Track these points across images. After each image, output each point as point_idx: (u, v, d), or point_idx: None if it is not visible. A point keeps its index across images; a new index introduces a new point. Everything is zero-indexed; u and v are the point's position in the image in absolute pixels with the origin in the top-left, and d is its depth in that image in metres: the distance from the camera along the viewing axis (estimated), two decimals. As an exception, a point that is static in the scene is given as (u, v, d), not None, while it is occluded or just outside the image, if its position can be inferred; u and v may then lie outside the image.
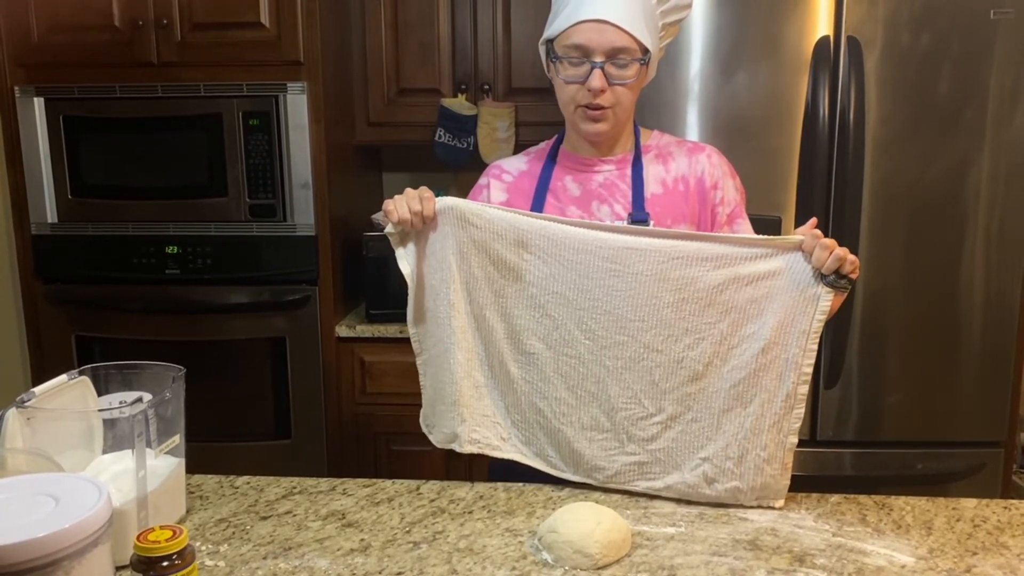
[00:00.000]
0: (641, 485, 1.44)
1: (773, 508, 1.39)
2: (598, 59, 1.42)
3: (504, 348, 1.47)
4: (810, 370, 1.36)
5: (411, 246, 1.47)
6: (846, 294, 1.34)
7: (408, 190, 1.43)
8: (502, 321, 1.47)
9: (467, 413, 1.50)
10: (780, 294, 1.35)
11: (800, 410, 1.38)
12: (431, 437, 1.56)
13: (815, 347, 1.35)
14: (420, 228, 1.44)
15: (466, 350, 1.49)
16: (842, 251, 1.29)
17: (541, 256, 1.42)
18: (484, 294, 1.46)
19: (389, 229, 1.45)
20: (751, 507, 1.40)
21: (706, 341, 1.38)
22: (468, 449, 1.51)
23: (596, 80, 1.42)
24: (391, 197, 1.43)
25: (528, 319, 1.45)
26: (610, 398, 1.43)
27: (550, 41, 1.48)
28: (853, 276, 1.31)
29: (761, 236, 1.37)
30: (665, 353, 1.39)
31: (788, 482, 1.40)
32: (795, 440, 1.39)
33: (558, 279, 1.41)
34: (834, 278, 1.30)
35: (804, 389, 1.37)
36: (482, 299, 1.46)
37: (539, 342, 1.45)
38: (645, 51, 1.44)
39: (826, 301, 1.33)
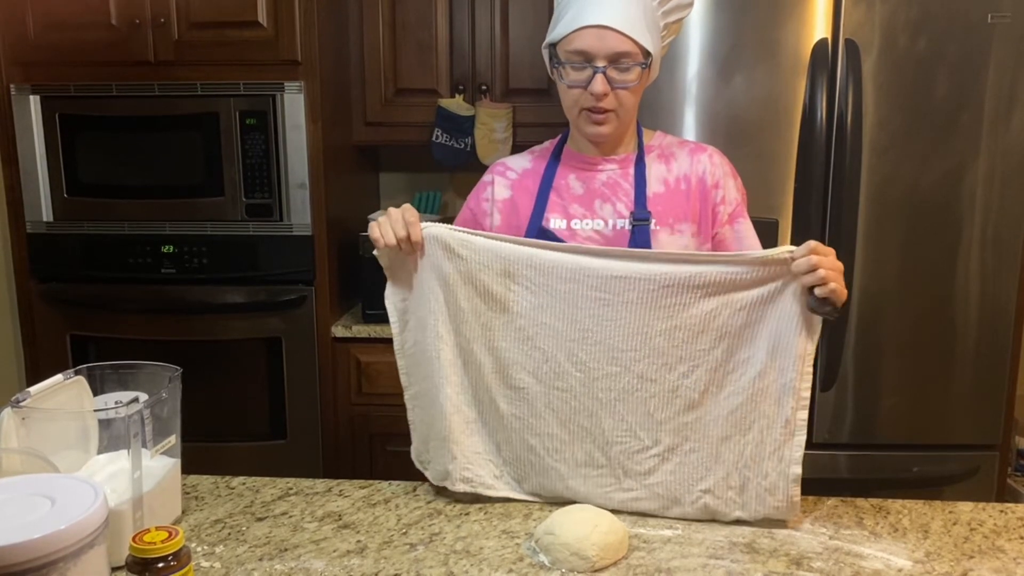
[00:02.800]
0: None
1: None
2: (600, 64, 1.42)
3: (492, 383, 1.43)
4: (808, 395, 1.33)
5: (398, 274, 1.45)
6: (831, 319, 1.29)
7: (391, 211, 1.40)
8: (490, 355, 1.42)
9: (457, 450, 1.44)
10: (774, 318, 1.32)
11: (802, 438, 1.34)
12: (427, 474, 1.51)
13: (811, 370, 1.33)
14: (409, 254, 1.41)
15: (455, 384, 1.44)
16: (825, 272, 1.24)
17: (528, 287, 1.38)
18: (471, 327, 1.42)
19: (377, 252, 1.43)
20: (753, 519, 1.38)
21: (701, 368, 1.35)
22: (460, 488, 1.44)
23: (598, 85, 1.42)
24: (383, 218, 1.40)
25: (517, 352, 1.41)
26: (604, 432, 1.39)
27: (552, 45, 1.49)
28: (837, 300, 1.27)
29: (753, 253, 1.33)
30: (659, 383, 1.36)
31: (798, 511, 1.36)
32: (799, 471, 1.34)
33: (546, 310, 1.38)
34: (815, 302, 1.26)
35: (803, 415, 1.34)
36: (469, 332, 1.42)
37: (528, 376, 1.41)
38: (647, 54, 1.44)
39: (818, 323, 1.30)
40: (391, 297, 1.47)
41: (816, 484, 1.39)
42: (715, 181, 1.54)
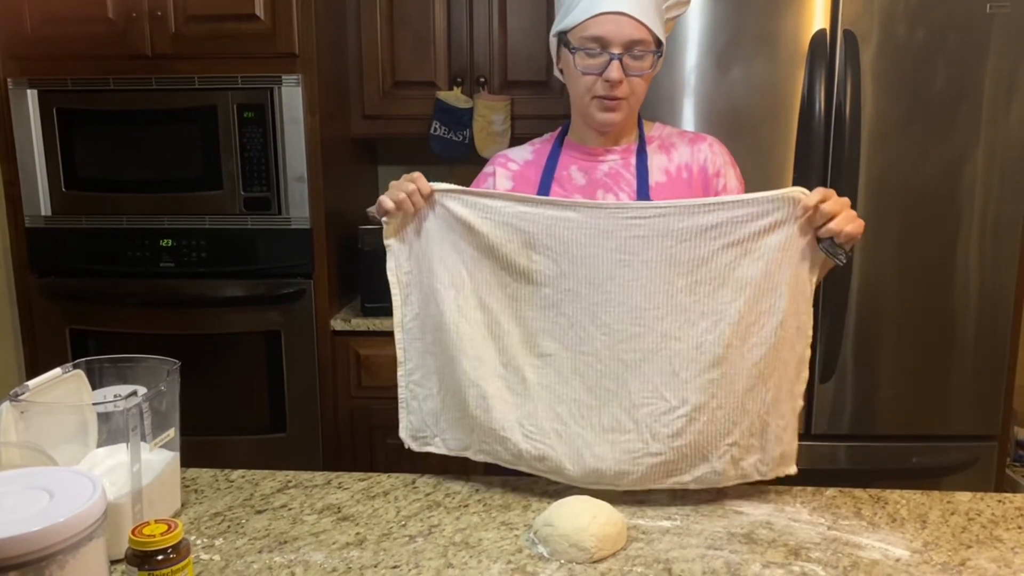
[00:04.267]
0: (668, 482, 1.40)
1: (788, 474, 1.41)
2: (616, 51, 1.43)
3: (519, 353, 1.44)
4: (811, 332, 1.39)
5: (404, 244, 1.46)
6: (842, 263, 1.34)
7: (393, 182, 1.44)
8: (517, 326, 1.44)
9: (474, 424, 1.45)
10: (791, 264, 1.34)
11: (806, 373, 1.40)
12: (433, 448, 1.51)
13: (811, 308, 1.38)
14: (420, 206, 1.42)
15: (473, 358, 1.43)
16: (836, 224, 1.29)
17: (550, 255, 1.40)
18: (499, 299, 1.44)
19: (385, 221, 1.44)
20: (765, 480, 1.41)
21: (724, 322, 1.36)
22: (480, 458, 1.48)
23: (614, 71, 1.43)
24: (386, 191, 1.43)
25: (542, 320, 1.43)
26: (630, 394, 1.39)
27: (564, 32, 1.49)
28: (848, 242, 1.31)
29: (764, 193, 1.34)
30: (683, 340, 1.37)
31: (796, 444, 1.42)
32: (802, 403, 1.41)
33: (569, 276, 1.40)
34: (830, 244, 1.30)
35: (808, 352, 1.39)
36: (496, 304, 1.44)
37: (555, 343, 1.42)
38: (659, 43, 1.46)
39: (819, 263, 1.35)
40: (394, 270, 1.48)
41: (815, 475, 1.39)
42: (716, 170, 1.55)
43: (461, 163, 2.90)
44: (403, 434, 1.52)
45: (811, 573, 1.17)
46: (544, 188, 1.56)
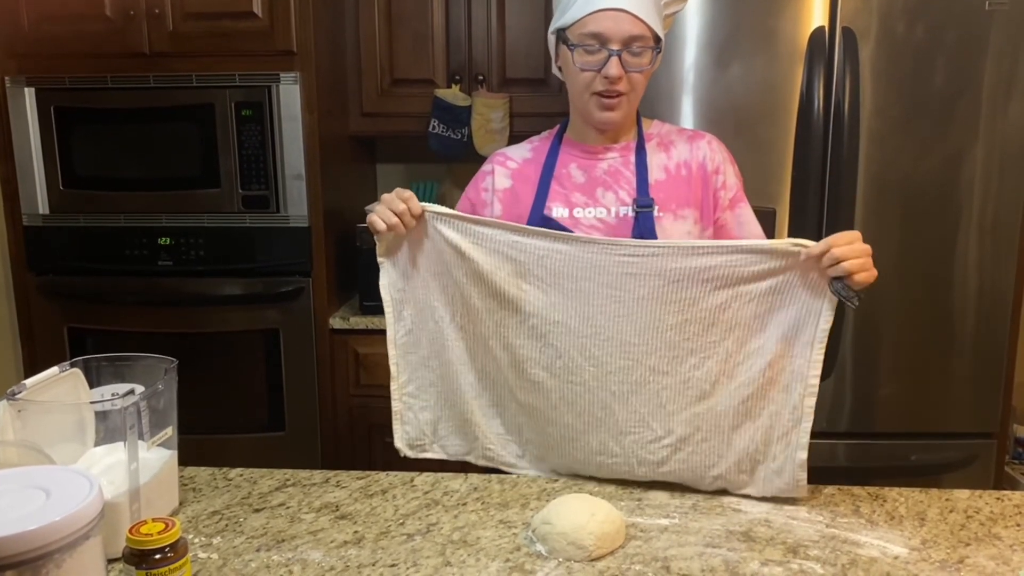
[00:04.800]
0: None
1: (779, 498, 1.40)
2: (615, 47, 1.43)
3: (509, 376, 1.47)
4: (816, 382, 1.35)
5: (397, 262, 1.47)
6: (854, 306, 1.30)
7: (384, 195, 1.43)
8: (505, 351, 1.46)
9: (479, 431, 1.51)
10: (783, 308, 1.34)
11: (808, 424, 1.36)
12: (432, 453, 1.56)
13: (820, 358, 1.34)
14: (412, 227, 1.43)
15: (476, 372, 1.49)
16: (849, 265, 1.26)
17: (540, 286, 1.41)
18: (486, 324, 1.46)
19: (377, 238, 1.45)
20: (746, 497, 1.41)
21: (712, 360, 1.37)
22: (481, 463, 1.53)
23: (613, 68, 1.43)
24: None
25: (530, 349, 1.44)
26: (618, 423, 1.42)
27: (562, 29, 1.48)
28: (863, 282, 1.27)
29: (761, 241, 1.35)
30: (671, 375, 1.39)
31: (805, 492, 1.39)
32: (804, 456, 1.36)
33: (558, 308, 1.40)
34: (842, 287, 1.27)
35: (811, 401, 1.36)
36: (484, 330, 1.46)
37: (543, 371, 1.44)
38: (658, 39, 1.46)
39: (830, 311, 1.32)
40: (387, 287, 1.49)
41: (814, 472, 1.39)
42: (715, 167, 1.55)
43: (459, 161, 2.90)
44: (399, 443, 1.55)
45: (809, 571, 1.17)
46: (543, 186, 1.55)
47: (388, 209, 1.41)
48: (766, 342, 1.36)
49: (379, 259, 1.47)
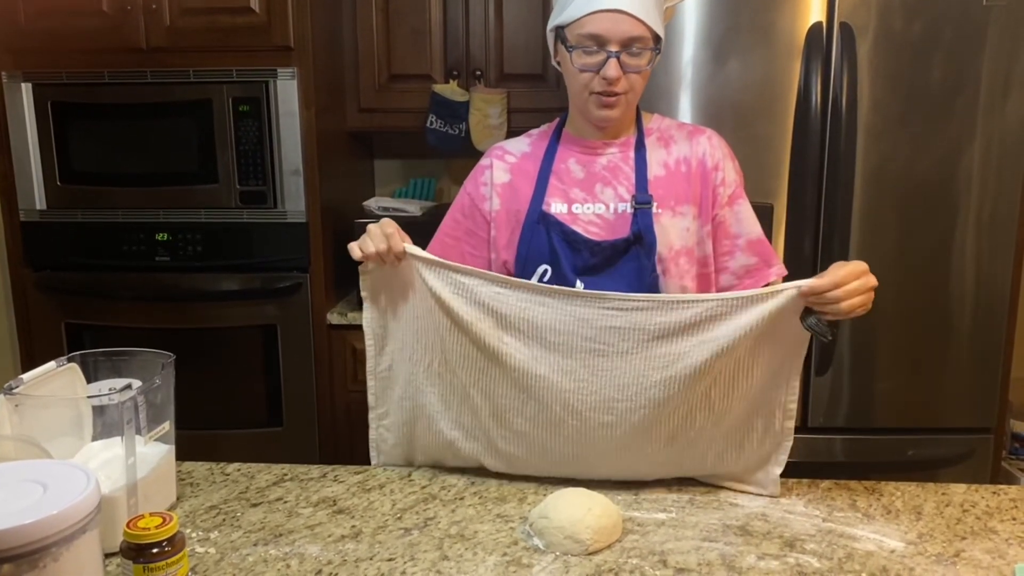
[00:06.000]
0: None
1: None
2: (613, 48, 1.41)
3: (490, 425, 1.44)
4: (794, 407, 1.37)
5: (380, 299, 1.47)
6: (826, 340, 1.31)
7: (370, 227, 1.40)
8: (487, 401, 1.43)
9: (456, 456, 1.51)
10: (770, 348, 1.33)
11: (788, 443, 1.39)
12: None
13: (797, 385, 1.37)
14: (396, 265, 1.41)
15: (451, 420, 1.47)
16: (847, 305, 1.24)
17: (521, 339, 1.37)
18: (468, 372, 1.43)
19: (361, 274, 1.44)
20: (741, 491, 1.42)
21: (697, 410, 1.36)
22: (457, 463, 1.52)
23: (612, 69, 1.41)
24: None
25: (513, 399, 1.41)
26: (598, 471, 1.43)
27: (560, 28, 1.47)
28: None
29: (756, 291, 1.31)
30: (656, 427, 1.37)
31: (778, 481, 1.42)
32: (779, 471, 1.40)
33: (540, 361, 1.37)
34: (816, 322, 1.27)
35: (790, 424, 1.38)
36: (465, 378, 1.43)
37: (525, 422, 1.41)
38: (657, 39, 1.44)
39: (805, 346, 1.34)
40: (370, 323, 1.49)
41: (812, 468, 1.40)
42: (715, 163, 1.54)
43: (457, 156, 2.90)
44: (375, 464, 1.59)
45: (806, 565, 1.17)
46: (542, 181, 1.55)
47: (371, 242, 1.39)
48: (752, 384, 1.36)
49: (363, 294, 1.46)
